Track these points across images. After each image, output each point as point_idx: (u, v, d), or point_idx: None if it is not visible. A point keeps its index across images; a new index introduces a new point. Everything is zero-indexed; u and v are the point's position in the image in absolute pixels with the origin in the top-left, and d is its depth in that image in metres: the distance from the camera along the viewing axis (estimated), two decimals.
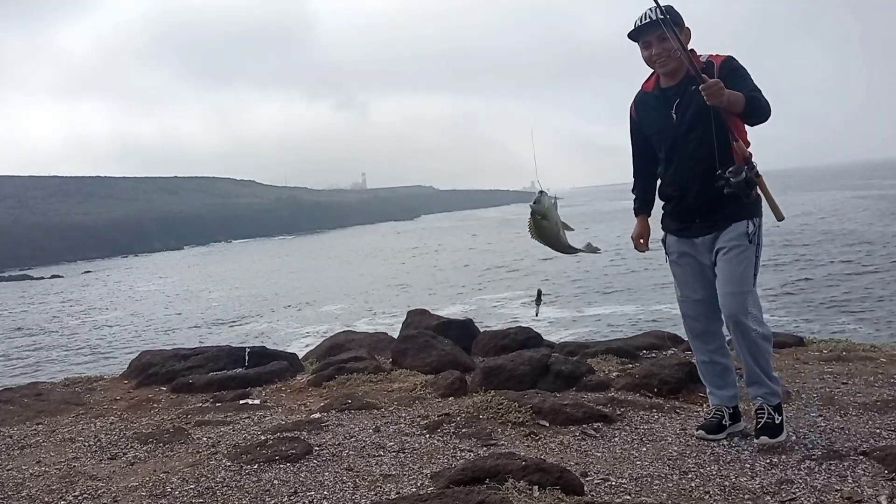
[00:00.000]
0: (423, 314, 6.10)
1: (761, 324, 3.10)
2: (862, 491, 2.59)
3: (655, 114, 3.19)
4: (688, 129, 3.07)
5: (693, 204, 3.13)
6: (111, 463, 3.32)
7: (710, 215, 3.10)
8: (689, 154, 3.10)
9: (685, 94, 3.07)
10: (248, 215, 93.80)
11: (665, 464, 2.97)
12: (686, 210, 3.18)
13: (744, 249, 3.06)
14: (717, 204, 3.05)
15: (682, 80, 3.09)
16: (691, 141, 3.08)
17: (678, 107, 3.10)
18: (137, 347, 17.96)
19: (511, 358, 4.45)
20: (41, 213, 78.03)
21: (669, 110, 3.12)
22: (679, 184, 3.16)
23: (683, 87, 3.08)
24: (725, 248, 3.08)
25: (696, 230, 3.17)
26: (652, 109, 3.21)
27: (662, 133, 3.18)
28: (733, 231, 3.07)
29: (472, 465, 2.76)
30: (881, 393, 3.90)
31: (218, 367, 5.11)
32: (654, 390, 3.97)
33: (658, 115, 3.18)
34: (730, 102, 2.91)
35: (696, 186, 3.10)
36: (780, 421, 3.10)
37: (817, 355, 4.90)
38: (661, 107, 3.16)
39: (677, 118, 3.10)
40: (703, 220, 3.14)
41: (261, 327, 24.73)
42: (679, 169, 3.15)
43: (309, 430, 3.54)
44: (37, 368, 19.45)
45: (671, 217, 3.28)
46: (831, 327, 15.84)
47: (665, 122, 3.15)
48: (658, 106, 3.18)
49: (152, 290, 40.63)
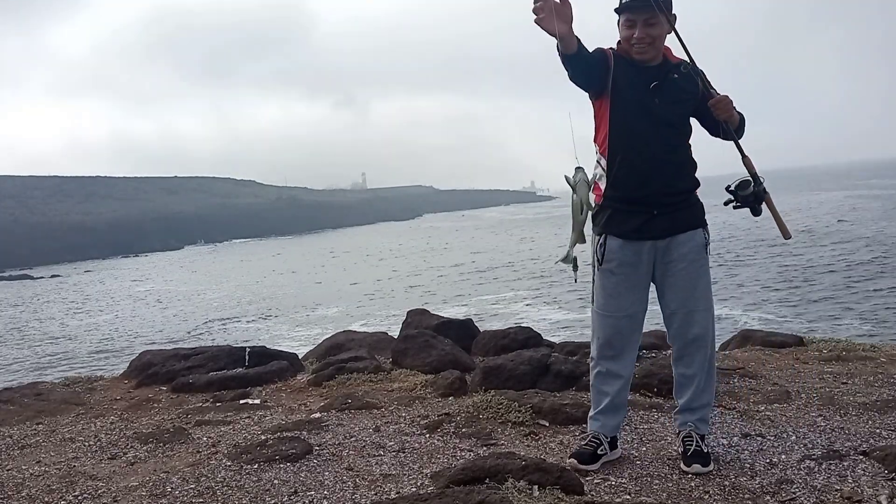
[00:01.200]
0: (423, 314, 6.10)
1: (714, 346, 2.97)
2: (862, 491, 2.59)
3: (636, 83, 2.80)
4: (666, 117, 2.81)
5: (657, 190, 2.80)
6: (111, 463, 3.32)
7: (671, 209, 2.83)
8: (661, 143, 2.81)
9: (666, 79, 2.81)
10: (248, 215, 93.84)
11: (665, 464, 2.97)
12: (646, 197, 2.81)
13: (703, 263, 2.89)
14: (680, 198, 2.86)
15: (661, 63, 2.83)
16: (665, 130, 2.82)
17: (656, 89, 2.79)
18: (137, 347, 17.97)
19: (511, 358, 4.45)
20: (41, 213, 78.04)
21: (649, 89, 2.80)
22: (644, 170, 2.80)
23: (664, 72, 2.82)
24: (684, 261, 2.84)
25: (652, 229, 2.83)
26: (632, 77, 2.81)
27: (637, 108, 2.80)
28: (692, 242, 2.85)
29: (472, 464, 2.77)
30: (881, 393, 3.90)
31: (218, 366, 5.11)
32: (654, 390, 3.97)
33: (639, 87, 2.80)
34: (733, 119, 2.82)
35: (662, 177, 2.81)
36: (707, 450, 2.91)
37: (817, 355, 4.91)
38: (641, 81, 2.80)
39: (659, 102, 2.79)
40: (661, 213, 2.81)
41: (261, 327, 24.75)
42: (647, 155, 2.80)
43: (309, 430, 3.55)
44: (37, 368, 19.46)
45: (622, 212, 2.85)
46: (831, 327, 15.86)
47: (647, 99, 2.79)
48: (638, 78, 2.80)
49: (152, 290, 40.64)
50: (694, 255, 2.86)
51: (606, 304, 2.92)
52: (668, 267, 2.86)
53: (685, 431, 2.94)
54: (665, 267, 2.87)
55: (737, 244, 34.76)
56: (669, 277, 2.87)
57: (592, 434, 2.98)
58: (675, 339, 2.96)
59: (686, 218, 2.87)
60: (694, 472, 2.81)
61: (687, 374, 2.96)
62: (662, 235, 2.84)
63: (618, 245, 2.87)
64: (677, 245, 2.85)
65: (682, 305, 2.87)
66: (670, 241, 2.85)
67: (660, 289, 2.94)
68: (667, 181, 2.83)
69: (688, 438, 2.91)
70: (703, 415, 2.97)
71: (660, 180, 2.81)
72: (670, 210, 2.84)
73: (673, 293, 2.88)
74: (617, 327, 2.92)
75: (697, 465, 2.82)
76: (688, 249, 2.85)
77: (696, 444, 2.88)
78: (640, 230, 2.84)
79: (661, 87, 2.80)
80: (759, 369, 4.53)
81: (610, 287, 2.90)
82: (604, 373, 2.99)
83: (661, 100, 2.79)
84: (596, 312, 2.98)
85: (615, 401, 2.99)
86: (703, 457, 2.86)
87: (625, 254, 2.86)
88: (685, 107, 2.85)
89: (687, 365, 2.95)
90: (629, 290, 2.88)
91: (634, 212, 2.84)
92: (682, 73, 2.83)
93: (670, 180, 2.84)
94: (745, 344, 5.58)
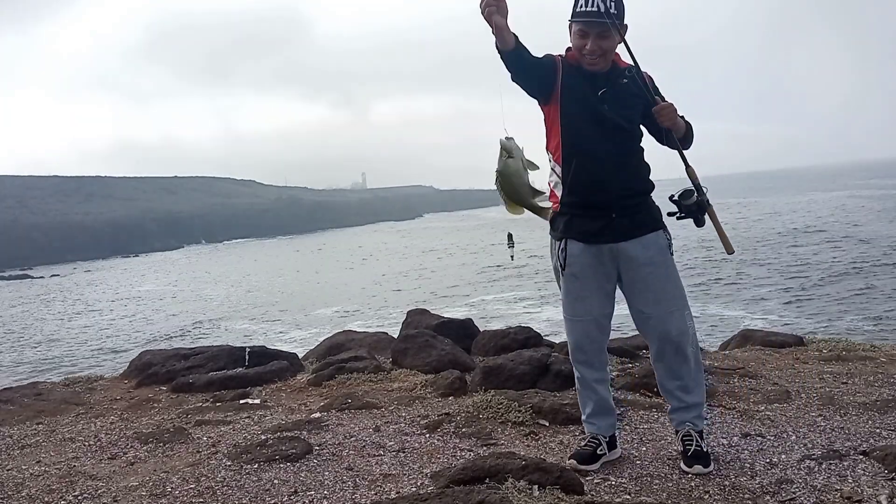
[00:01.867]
0: (422, 314, 6.10)
1: (697, 342, 2.94)
2: (862, 491, 2.59)
3: (585, 90, 2.79)
4: (616, 121, 2.79)
5: (615, 193, 2.79)
6: (111, 463, 3.32)
7: (630, 211, 2.82)
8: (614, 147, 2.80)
9: (615, 85, 2.80)
10: (248, 215, 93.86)
11: (665, 463, 2.97)
12: (604, 202, 2.80)
13: (669, 264, 2.87)
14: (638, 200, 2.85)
15: (610, 69, 2.82)
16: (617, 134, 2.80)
17: (605, 96, 2.79)
18: (137, 347, 17.98)
19: (511, 357, 4.45)
20: (41, 213, 78.03)
21: (597, 96, 2.79)
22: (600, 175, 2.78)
23: (613, 78, 2.81)
24: (651, 264, 2.83)
25: (613, 232, 2.81)
26: (581, 84, 2.80)
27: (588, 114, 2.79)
28: (654, 245, 2.84)
29: (472, 464, 2.76)
30: (881, 393, 3.90)
31: (218, 366, 5.12)
32: (654, 390, 3.96)
33: (588, 93, 2.79)
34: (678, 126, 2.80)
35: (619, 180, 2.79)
36: (707, 449, 2.90)
37: (817, 355, 4.91)
38: (589, 87, 2.80)
39: (608, 107, 2.78)
40: (620, 215, 2.80)
41: (261, 327, 24.75)
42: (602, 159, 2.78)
43: (309, 430, 3.55)
44: (37, 368, 19.46)
45: (581, 216, 2.85)
46: (831, 327, 15.86)
47: (596, 104, 2.78)
48: (587, 85, 2.80)
49: (152, 290, 40.65)
50: (659, 258, 2.84)
51: (573, 308, 2.92)
52: (635, 272, 2.84)
53: (683, 430, 2.92)
54: (631, 272, 2.85)
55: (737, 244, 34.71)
56: (638, 282, 2.85)
57: (591, 435, 3.01)
58: (652, 342, 2.94)
59: (645, 220, 2.86)
60: (695, 473, 2.81)
61: (670, 375, 2.94)
62: (623, 238, 2.83)
63: (579, 249, 2.86)
64: (640, 249, 2.83)
65: (656, 308, 2.85)
66: (631, 245, 2.83)
67: (629, 294, 2.92)
68: (623, 184, 2.82)
69: (687, 438, 2.90)
70: (699, 412, 2.95)
71: (617, 183, 2.80)
72: (629, 212, 2.83)
73: (644, 297, 2.86)
74: (586, 331, 2.92)
75: (699, 466, 2.82)
76: (652, 252, 2.83)
77: (696, 444, 2.87)
78: (600, 233, 2.83)
79: (609, 93, 2.79)
80: (759, 369, 4.53)
81: (575, 291, 2.90)
82: (581, 378, 3.02)
83: (611, 105, 2.79)
84: (565, 317, 2.98)
85: (602, 402, 3.01)
86: (704, 457, 2.85)
87: (586, 257, 2.86)
88: (635, 110, 2.83)
89: (668, 366, 2.93)
90: (594, 293, 2.88)
91: (593, 216, 2.83)
92: (629, 76, 2.80)
93: (627, 183, 2.83)
94: (745, 344, 5.58)
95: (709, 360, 4.81)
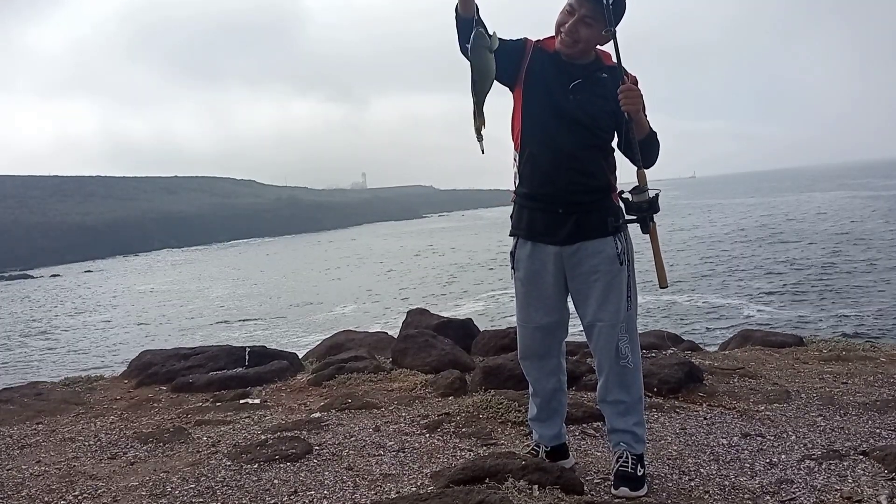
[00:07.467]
0: (422, 314, 6.10)
1: (637, 357, 2.74)
2: (862, 491, 2.59)
3: (551, 78, 2.68)
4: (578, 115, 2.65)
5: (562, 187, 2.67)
6: (111, 462, 3.32)
7: (577, 209, 2.67)
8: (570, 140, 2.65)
9: (590, 78, 2.67)
10: (248, 215, 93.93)
11: (665, 463, 2.97)
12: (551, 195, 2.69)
13: (615, 274, 2.67)
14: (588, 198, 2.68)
15: (591, 62, 2.70)
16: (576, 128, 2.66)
17: (576, 87, 2.66)
18: (138, 347, 17.97)
19: (511, 357, 4.45)
20: (41, 213, 78.09)
21: (567, 87, 2.66)
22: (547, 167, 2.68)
23: (591, 70, 2.69)
24: (595, 272, 2.68)
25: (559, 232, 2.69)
26: (549, 71, 2.68)
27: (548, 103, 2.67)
28: (602, 252, 2.67)
29: (471, 464, 2.76)
30: (881, 393, 3.91)
31: (218, 366, 5.12)
32: (654, 390, 3.97)
33: (553, 82, 2.67)
34: (640, 120, 2.61)
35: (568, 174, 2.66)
36: (643, 474, 2.68)
37: (817, 355, 4.91)
38: (559, 76, 2.68)
39: (574, 99, 2.65)
40: (567, 212, 2.67)
41: (261, 326, 24.76)
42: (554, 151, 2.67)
43: (309, 430, 3.54)
44: (37, 368, 19.47)
45: (530, 209, 2.76)
46: (831, 327, 15.87)
47: (560, 95, 2.66)
48: (556, 73, 2.68)
49: (152, 289, 40.67)
50: (604, 267, 2.68)
51: (518, 313, 2.86)
52: (580, 279, 2.71)
53: (619, 451, 2.73)
54: (576, 278, 2.72)
55: (736, 244, 34.80)
56: (582, 290, 2.72)
57: (535, 442, 2.94)
58: (594, 353, 2.81)
59: (594, 223, 2.68)
60: (622, 496, 2.61)
61: (605, 390, 2.79)
62: (569, 241, 2.69)
63: (526, 254, 2.78)
64: (586, 255, 2.69)
65: (595, 319, 2.71)
66: (578, 249, 2.69)
67: (574, 300, 2.81)
68: (573, 178, 2.66)
69: (621, 459, 2.70)
70: (636, 434, 2.74)
71: (565, 177, 2.66)
72: (576, 210, 2.68)
73: (584, 308, 2.74)
74: (532, 337, 2.83)
75: (625, 489, 2.62)
76: (598, 260, 2.68)
77: (628, 466, 2.67)
78: (546, 231, 2.73)
79: (582, 85, 2.67)
80: (759, 369, 4.53)
81: (520, 297, 2.83)
82: (529, 381, 2.95)
83: (578, 97, 2.66)
84: (517, 323, 2.90)
85: (546, 410, 2.90)
86: (633, 480, 2.64)
87: (532, 263, 2.76)
88: (604, 108, 2.66)
89: (605, 383, 2.77)
90: (537, 301, 2.78)
91: (540, 209, 2.73)
92: (611, 74, 2.67)
93: (576, 178, 2.67)
94: (745, 344, 5.59)
95: (709, 360, 4.81)
